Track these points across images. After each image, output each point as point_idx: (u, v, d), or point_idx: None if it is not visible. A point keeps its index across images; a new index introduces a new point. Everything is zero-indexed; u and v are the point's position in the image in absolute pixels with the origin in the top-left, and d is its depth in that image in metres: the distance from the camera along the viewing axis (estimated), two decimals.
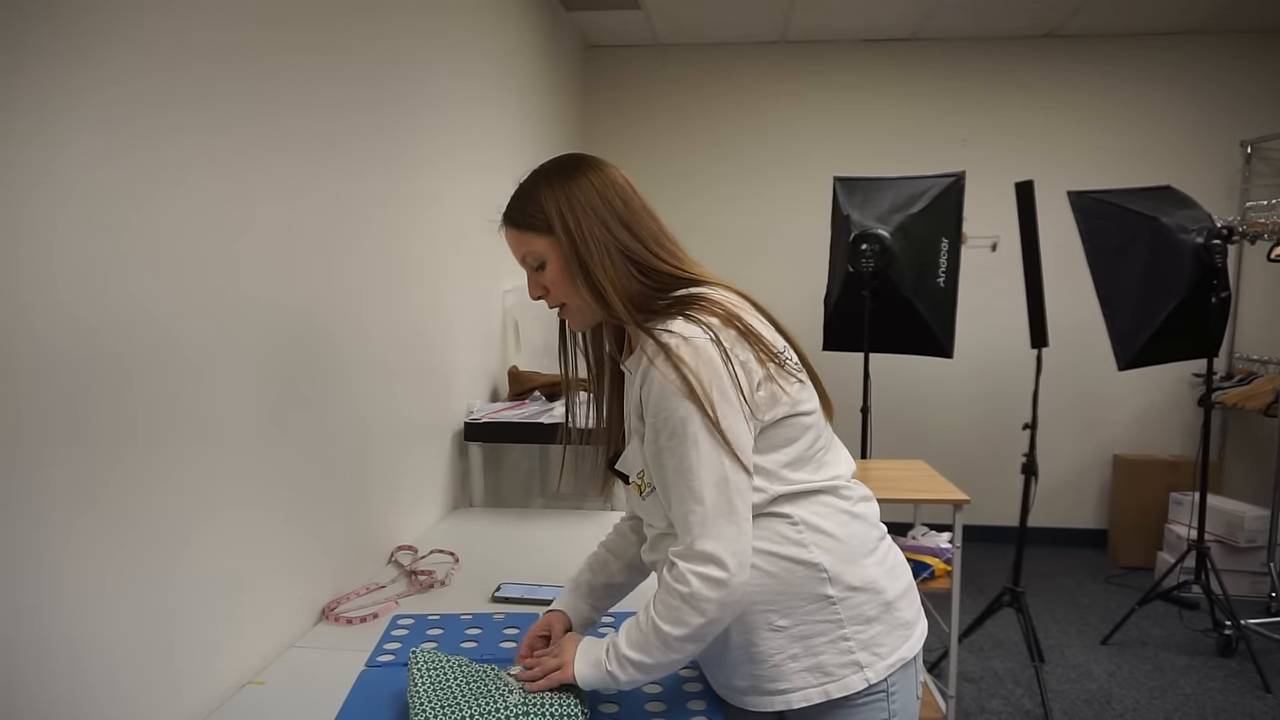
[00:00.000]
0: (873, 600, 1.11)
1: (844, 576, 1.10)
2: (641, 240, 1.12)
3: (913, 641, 1.15)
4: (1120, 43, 4.24)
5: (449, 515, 2.31)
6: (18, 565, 0.92)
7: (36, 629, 0.94)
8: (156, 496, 1.14)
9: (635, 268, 1.11)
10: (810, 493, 1.11)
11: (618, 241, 1.11)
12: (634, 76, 4.50)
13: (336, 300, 1.67)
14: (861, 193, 3.36)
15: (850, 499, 1.16)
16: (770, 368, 1.08)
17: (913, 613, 1.17)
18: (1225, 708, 2.79)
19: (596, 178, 1.13)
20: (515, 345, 3.06)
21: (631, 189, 1.16)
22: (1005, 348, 4.37)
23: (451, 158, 2.35)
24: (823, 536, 1.10)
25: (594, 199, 1.11)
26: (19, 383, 0.91)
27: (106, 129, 1.03)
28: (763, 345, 1.08)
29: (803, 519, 1.10)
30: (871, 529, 1.17)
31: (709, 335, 1.04)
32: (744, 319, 1.09)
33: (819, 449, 1.15)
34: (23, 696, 0.93)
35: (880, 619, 1.12)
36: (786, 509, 1.10)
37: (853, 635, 1.10)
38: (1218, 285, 2.98)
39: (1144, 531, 4.18)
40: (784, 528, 1.10)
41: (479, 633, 1.47)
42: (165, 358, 1.15)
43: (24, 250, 0.91)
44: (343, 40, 1.68)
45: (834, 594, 1.10)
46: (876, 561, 1.14)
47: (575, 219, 1.10)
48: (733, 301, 1.12)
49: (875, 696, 1.11)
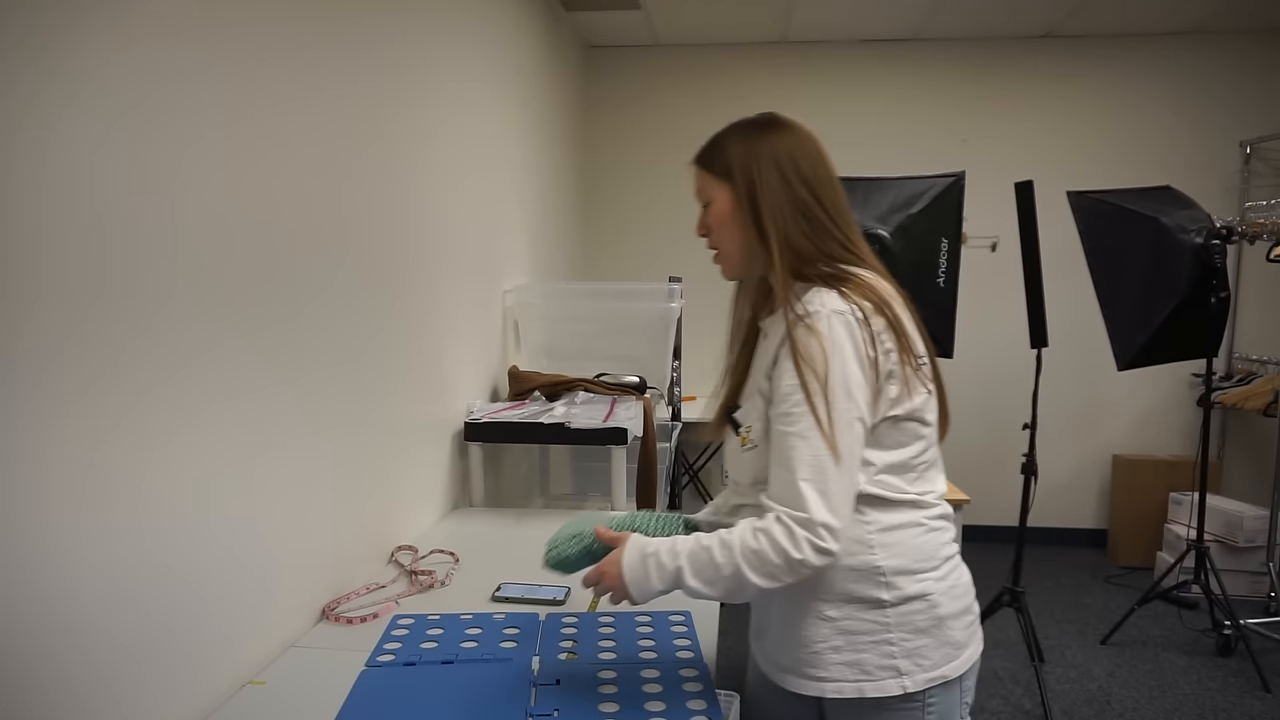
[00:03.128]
0: (926, 613, 1.13)
1: (901, 584, 1.12)
2: (820, 202, 1.15)
3: (959, 662, 1.15)
4: (1120, 43, 4.24)
5: (449, 515, 2.31)
6: (19, 565, 0.92)
7: (38, 627, 0.94)
8: (157, 495, 1.14)
9: (807, 224, 1.14)
10: (897, 502, 1.13)
11: (796, 197, 1.14)
12: (634, 76, 4.50)
13: (337, 300, 1.67)
14: (861, 193, 3.35)
15: (931, 514, 1.17)
16: (908, 369, 1.10)
17: (965, 636, 1.17)
18: (1224, 707, 2.79)
19: (789, 136, 1.18)
20: (515, 345, 3.06)
21: (821, 155, 1.19)
22: (1005, 348, 4.37)
23: (451, 158, 2.35)
24: (892, 543, 1.12)
25: (780, 153, 1.16)
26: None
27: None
28: (907, 341, 1.11)
29: (877, 521, 1.13)
30: (942, 547, 1.17)
31: (859, 315, 1.07)
32: (894, 309, 1.12)
33: (923, 463, 1.16)
34: (23, 697, 0.93)
35: (929, 632, 1.13)
36: (867, 509, 1.12)
37: (898, 641, 1.12)
38: (1217, 285, 2.98)
39: (1143, 531, 4.18)
40: (857, 526, 1.12)
41: (479, 633, 1.47)
42: (166, 357, 1.15)
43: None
44: (342, 40, 1.68)
45: (888, 598, 1.12)
46: (938, 578, 1.15)
47: (757, 168, 1.15)
48: (888, 291, 1.14)
49: (911, 706, 1.13)
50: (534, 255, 3.39)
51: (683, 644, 1.43)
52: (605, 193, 4.57)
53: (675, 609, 1.59)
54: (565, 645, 1.42)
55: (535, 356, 3.04)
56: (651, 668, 1.33)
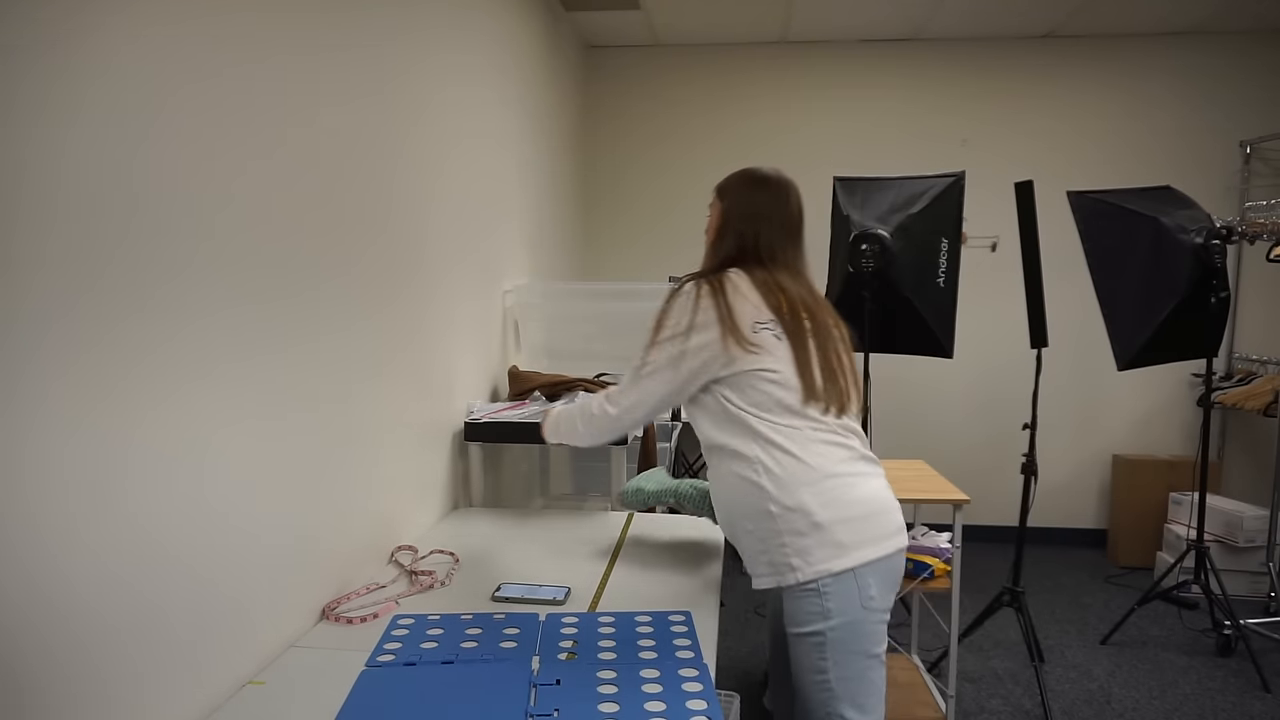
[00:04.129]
0: (804, 520, 1.45)
1: (782, 499, 1.46)
2: (758, 241, 1.59)
3: (845, 560, 1.44)
4: (1121, 43, 4.24)
5: (449, 515, 2.31)
6: (19, 566, 0.92)
7: (37, 629, 0.94)
8: (156, 496, 1.14)
9: (737, 249, 1.60)
10: (769, 438, 1.48)
11: (738, 229, 1.60)
12: (634, 76, 4.50)
13: (336, 300, 1.67)
14: (861, 193, 3.36)
15: (804, 446, 1.47)
16: (730, 336, 1.48)
17: (850, 538, 1.45)
18: (1224, 707, 2.79)
19: (770, 191, 1.63)
20: (515, 345, 3.06)
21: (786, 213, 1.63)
22: (1005, 348, 4.37)
23: (451, 158, 2.35)
24: (769, 470, 1.47)
25: (752, 202, 1.62)
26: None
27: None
28: (730, 315, 1.48)
29: (756, 454, 1.48)
30: (813, 470, 1.46)
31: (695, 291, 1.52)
32: (728, 294, 1.50)
33: (783, 407, 1.48)
34: (24, 697, 0.93)
35: (810, 535, 1.44)
36: (749, 441, 1.49)
37: (789, 543, 1.46)
38: (1217, 285, 2.98)
39: (1143, 531, 4.18)
40: (741, 462, 1.50)
41: (479, 633, 1.47)
42: (166, 359, 1.15)
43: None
44: (342, 40, 1.68)
45: (775, 510, 1.46)
46: (814, 494, 1.45)
47: (732, 205, 1.63)
48: (738, 283, 1.52)
49: (808, 591, 1.46)
50: (534, 255, 3.39)
51: (683, 644, 1.43)
52: (605, 192, 4.57)
53: (675, 609, 1.60)
54: (565, 645, 1.42)
55: (535, 356, 3.04)
56: (651, 668, 1.33)
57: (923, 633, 3.26)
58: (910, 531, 2.54)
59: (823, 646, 1.46)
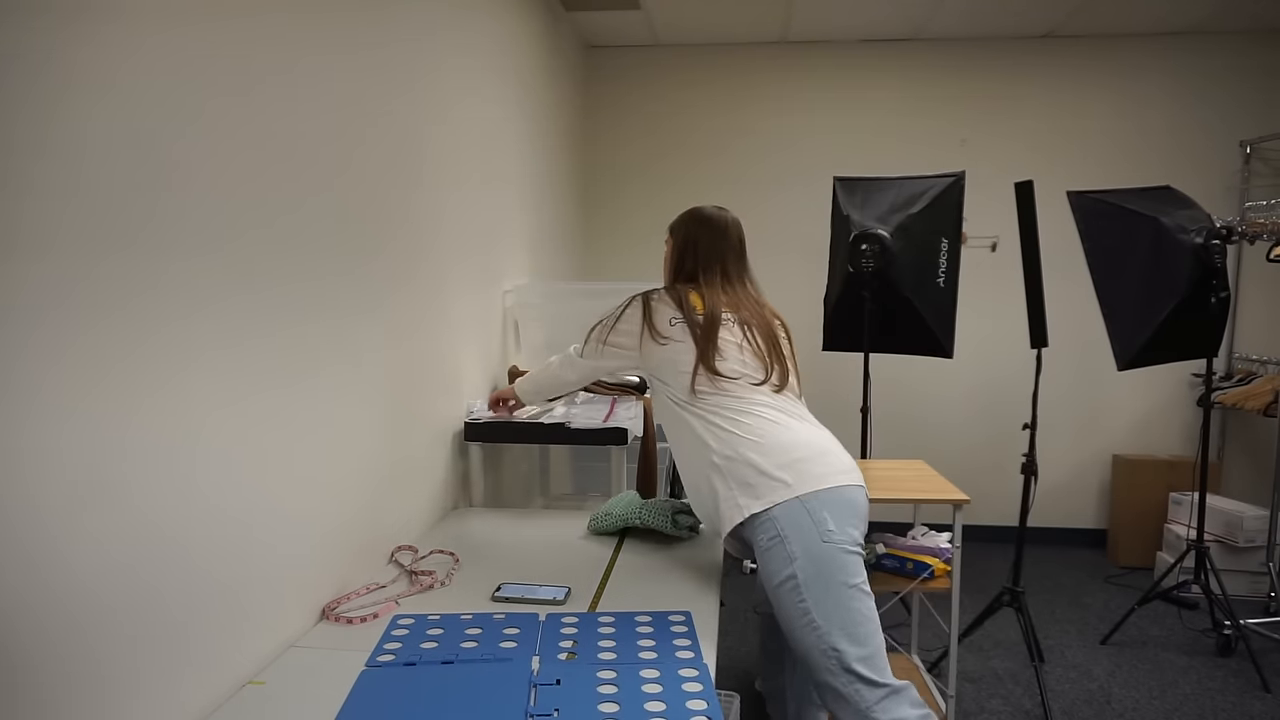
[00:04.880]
0: (744, 465, 1.69)
1: (724, 451, 1.72)
2: (698, 265, 1.94)
3: (786, 491, 1.64)
4: (1120, 43, 4.24)
5: (449, 515, 2.31)
6: (20, 567, 0.92)
7: (40, 627, 0.94)
8: (156, 497, 1.14)
9: (683, 273, 1.98)
10: (699, 409, 1.78)
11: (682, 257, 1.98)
12: (634, 76, 4.50)
13: (336, 299, 1.67)
14: (861, 193, 3.36)
15: (737, 412, 1.75)
16: (645, 336, 1.86)
17: (793, 477, 1.66)
18: (1224, 707, 2.79)
19: (710, 227, 1.96)
20: (515, 345, 3.06)
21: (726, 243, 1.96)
22: (1005, 348, 4.37)
23: (450, 158, 2.35)
24: (712, 427, 1.75)
25: (701, 235, 1.96)
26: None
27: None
28: (650, 321, 1.86)
29: (694, 425, 1.78)
30: (749, 429, 1.72)
31: (641, 303, 1.91)
32: (653, 302, 1.89)
33: (711, 390, 1.78)
34: (23, 698, 0.93)
35: (752, 478, 1.68)
36: (686, 414, 1.80)
37: (735, 486, 1.70)
38: (1217, 285, 2.98)
39: (1143, 531, 4.18)
40: (685, 430, 1.81)
41: (479, 633, 1.47)
42: (164, 361, 1.15)
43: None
44: (342, 39, 1.68)
45: (718, 461, 1.73)
46: (751, 447, 1.70)
47: (683, 238, 1.98)
48: (665, 296, 1.90)
49: (762, 521, 1.65)
50: (534, 255, 3.39)
51: (683, 644, 1.43)
52: (605, 192, 4.57)
53: (675, 609, 1.60)
54: (565, 645, 1.42)
55: (535, 356, 3.04)
56: (651, 668, 1.33)
57: (923, 633, 3.25)
58: (910, 531, 2.54)
59: (798, 588, 1.61)
